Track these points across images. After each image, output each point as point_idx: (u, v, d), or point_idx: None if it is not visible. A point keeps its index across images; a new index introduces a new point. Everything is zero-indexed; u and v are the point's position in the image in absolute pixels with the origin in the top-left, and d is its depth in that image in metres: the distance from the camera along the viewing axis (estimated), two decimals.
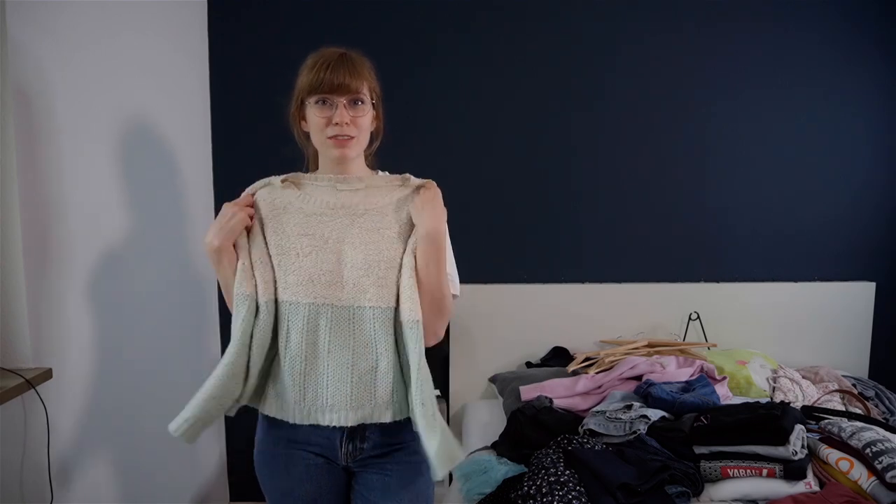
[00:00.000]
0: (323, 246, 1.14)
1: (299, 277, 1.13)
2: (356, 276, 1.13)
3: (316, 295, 1.12)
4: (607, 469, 1.52)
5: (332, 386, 1.13)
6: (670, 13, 2.42)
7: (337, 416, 1.14)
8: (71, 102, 1.47)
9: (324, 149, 1.20)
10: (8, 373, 1.29)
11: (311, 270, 1.13)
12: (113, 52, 1.64)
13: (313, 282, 1.13)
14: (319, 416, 1.15)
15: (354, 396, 1.13)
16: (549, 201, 2.47)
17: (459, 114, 2.42)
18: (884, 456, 1.50)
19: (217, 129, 2.35)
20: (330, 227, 1.15)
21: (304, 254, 1.14)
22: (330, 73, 1.14)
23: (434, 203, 1.15)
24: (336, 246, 1.14)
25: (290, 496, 1.23)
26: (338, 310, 1.13)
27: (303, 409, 1.15)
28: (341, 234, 1.14)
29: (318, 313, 1.13)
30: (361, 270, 1.13)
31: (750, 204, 2.53)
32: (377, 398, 1.14)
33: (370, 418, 1.15)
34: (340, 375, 1.13)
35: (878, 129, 2.53)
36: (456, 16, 2.38)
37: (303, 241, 1.14)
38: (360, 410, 1.14)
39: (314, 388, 1.14)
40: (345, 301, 1.13)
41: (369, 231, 1.15)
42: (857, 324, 2.56)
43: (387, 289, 1.14)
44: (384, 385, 1.14)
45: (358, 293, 1.13)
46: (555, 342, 2.49)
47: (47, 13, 1.38)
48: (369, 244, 1.14)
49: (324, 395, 1.13)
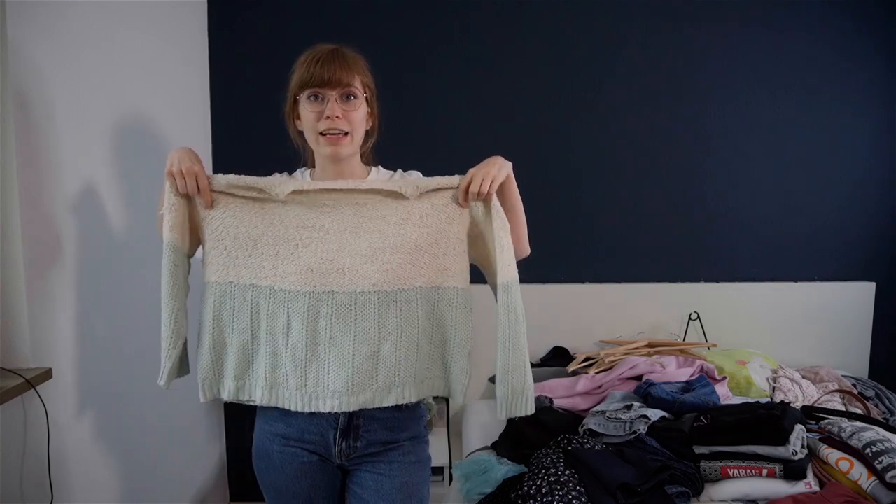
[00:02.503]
0: (324, 236, 1.14)
1: (298, 267, 1.13)
2: (359, 263, 1.13)
3: (316, 283, 1.13)
4: (607, 469, 1.52)
5: (333, 372, 1.13)
6: (670, 13, 2.42)
7: (338, 401, 1.13)
8: (71, 102, 1.47)
9: (317, 146, 1.19)
10: (8, 373, 1.28)
11: (311, 260, 1.13)
12: (113, 51, 1.64)
13: (312, 271, 1.13)
14: (321, 402, 1.14)
15: (356, 381, 1.13)
16: (549, 202, 2.47)
17: (459, 114, 2.42)
18: (884, 456, 1.50)
19: (217, 129, 2.36)
20: (331, 217, 1.15)
21: (304, 245, 1.14)
22: (320, 67, 1.14)
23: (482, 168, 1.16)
24: (337, 235, 1.14)
25: (285, 494, 1.24)
26: (339, 296, 1.13)
27: (304, 395, 1.14)
28: (342, 224, 1.14)
29: (318, 301, 1.13)
30: (365, 257, 1.13)
31: (750, 204, 2.53)
32: (378, 382, 1.15)
33: (371, 403, 1.15)
34: (342, 361, 1.13)
35: (877, 129, 2.53)
36: (457, 15, 2.38)
37: (302, 233, 1.14)
38: (362, 395, 1.14)
39: (315, 374, 1.14)
40: (346, 287, 1.13)
41: (372, 219, 1.15)
42: (857, 324, 2.56)
43: (392, 273, 1.14)
44: (386, 369, 1.15)
45: (361, 279, 1.13)
46: (555, 342, 2.49)
47: (47, 13, 1.38)
48: (373, 232, 1.14)
49: (325, 380, 1.13)
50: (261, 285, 1.15)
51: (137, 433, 1.76)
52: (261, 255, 1.15)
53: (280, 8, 2.33)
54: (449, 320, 1.19)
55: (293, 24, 2.34)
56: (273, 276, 1.14)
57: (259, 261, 1.15)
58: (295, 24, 2.34)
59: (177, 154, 1.15)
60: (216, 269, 1.16)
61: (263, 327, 1.15)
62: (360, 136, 1.21)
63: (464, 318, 1.19)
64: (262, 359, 1.16)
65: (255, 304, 1.15)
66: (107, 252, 1.62)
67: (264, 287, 1.15)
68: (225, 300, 1.16)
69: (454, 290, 1.19)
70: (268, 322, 1.15)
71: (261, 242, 1.15)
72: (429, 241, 1.17)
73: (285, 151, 1.33)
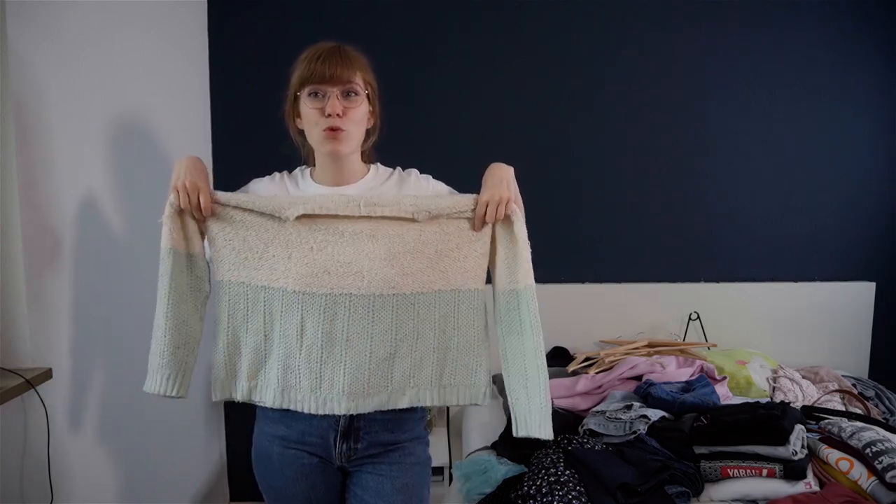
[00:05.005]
0: (339, 239, 1.13)
1: (314, 269, 1.12)
2: (377, 267, 1.13)
3: (333, 286, 1.12)
4: (607, 469, 1.52)
5: (349, 374, 1.13)
6: (670, 13, 2.42)
7: (354, 403, 1.13)
8: (71, 102, 1.46)
9: (317, 145, 1.18)
10: (8, 373, 1.28)
11: (327, 263, 1.12)
12: (113, 51, 1.64)
13: (329, 273, 1.12)
14: (335, 404, 1.13)
15: (372, 383, 1.14)
16: (549, 202, 2.47)
17: (459, 114, 2.42)
18: (884, 456, 1.50)
19: (217, 129, 2.35)
20: (345, 222, 1.14)
21: (319, 248, 1.13)
22: (322, 63, 1.13)
23: (492, 192, 1.16)
24: (353, 238, 1.13)
25: (285, 495, 1.24)
26: (357, 298, 1.12)
27: (318, 397, 1.14)
28: (357, 227, 1.14)
29: (336, 303, 1.12)
30: (384, 261, 1.13)
31: (750, 204, 2.53)
32: (394, 384, 1.15)
33: (386, 404, 1.16)
34: (358, 363, 1.13)
35: (878, 129, 2.53)
36: (457, 15, 2.38)
37: (316, 236, 1.13)
38: (377, 397, 1.15)
39: (330, 376, 1.13)
40: (364, 290, 1.12)
41: (389, 223, 1.14)
42: (857, 324, 2.56)
43: (412, 277, 1.14)
44: (401, 371, 1.15)
45: (380, 282, 1.13)
46: (555, 342, 2.49)
47: (46, 14, 1.38)
48: (392, 236, 1.14)
49: (340, 382, 1.13)
50: (274, 287, 1.14)
51: (137, 433, 1.76)
52: (272, 257, 1.14)
53: (280, 8, 2.33)
54: (471, 322, 1.19)
55: (293, 24, 2.33)
56: (286, 278, 1.13)
57: (271, 263, 1.14)
58: (295, 24, 2.34)
59: (183, 166, 1.14)
60: (228, 269, 1.16)
61: (276, 329, 1.15)
62: (361, 135, 1.21)
63: (483, 318, 1.20)
64: (275, 361, 1.16)
65: (268, 305, 1.15)
66: (107, 252, 1.62)
67: (277, 289, 1.14)
68: (239, 301, 1.16)
69: (475, 291, 1.19)
70: (281, 324, 1.14)
71: (272, 245, 1.14)
72: (450, 247, 1.17)
73: (285, 151, 1.33)
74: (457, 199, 1.17)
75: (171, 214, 1.13)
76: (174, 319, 1.14)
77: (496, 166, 1.21)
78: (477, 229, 1.17)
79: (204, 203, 1.12)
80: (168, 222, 1.13)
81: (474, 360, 1.20)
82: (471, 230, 1.18)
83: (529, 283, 1.16)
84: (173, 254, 1.13)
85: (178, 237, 1.14)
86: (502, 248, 1.19)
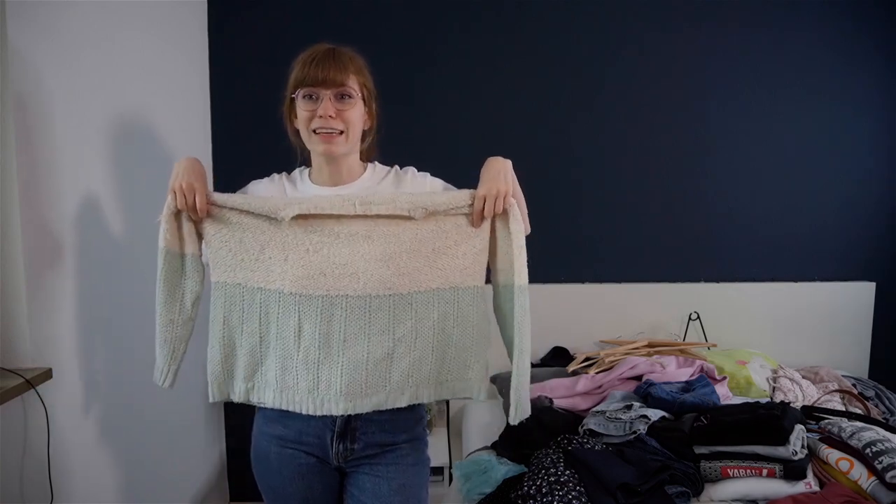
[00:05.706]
0: (334, 241, 1.13)
1: (310, 271, 1.12)
2: (373, 268, 1.13)
3: (329, 287, 1.12)
4: (607, 469, 1.52)
5: (346, 375, 1.13)
6: (670, 13, 2.42)
7: (351, 404, 1.13)
8: (71, 102, 1.46)
9: (311, 145, 1.19)
10: (8, 373, 1.28)
11: (323, 264, 1.12)
12: (113, 52, 1.64)
13: (325, 275, 1.12)
14: (333, 405, 1.13)
15: (369, 383, 1.13)
16: (549, 202, 2.47)
17: (459, 113, 2.42)
18: (884, 456, 1.50)
19: (217, 129, 2.36)
20: (340, 223, 1.14)
21: (315, 250, 1.13)
22: (315, 66, 1.14)
23: (489, 186, 1.15)
24: (348, 239, 1.13)
25: (283, 495, 1.24)
26: (353, 300, 1.12)
27: (315, 398, 1.14)
28: (353, 228, 1.13)
29: (332, 304, 1.12)
30: (380, 262, 1.13)
31: (750, 204, 2.53)
32: (392, 384, 1.15)
33: (385, 404, 1.15)
34: (356, 363, 1.13)
35: (878, 129, 2.53)
36: (457, 15, 2.38)
37: (312, 237, 1.13)
38: (375, 397, 1.15)
39: (327, 377, 1.13)
40: (360, 291, 1.12)
41: (386, 224, 1.14)
42: (857, 324, 2.56)
43: (408, 276, 1.14)
44: (400, 370, 1.15)
45: (376, 283, 1.13)
46: (555, 342, 2.49)
47: (47, 14, 1.38)
48: (388, 236, 1.14)
49: (337, 383, 1.13)
50: (270, 289, 1.14)
51: (138, 433, 1.76)
52: (269, 259, 1.14)
53: (280, 8, 2.33)
54: (470, 319, 1.19)
55: (293, 24, 2.33)
56: (282, 280, 1.13)
57: (267, 265, 1.14)
58: (295, 24, 2.34)
59: (181, 168, 1.14)
60: (224, 270, 1.16)
61: (273, 331, 1.15)
62: (357, 135, 1.21)
63: (483, 315, 1.20)
64: (273, 362, 1.16)
65: (264, 307, 1.15)
66: (107, 252, 1.62)
67: (273, 291, 1.14)
68: (234, 302, 1.16)
69: (474, 288, 1.19)
70: (278, 325, 1.14)
71: (268, 247, 1.14)
72: (447, 244, 1.16)
73: (285, 151, 1.33)
74: (454, 194, 1.17)
75: (168, 215, 1.14)
76: (164, 317, 1.17)
77: (493, 160, 1.20)
78: (475, 225, 1.17)
79: (200, 204, 1.12)
80: (164, 223, 1.14)
81: (473, 357, 1.20)
82: (469, 226, 1.17)
83: (523, 283, 1.15)
84: (167, 254, 1.14)
85: (173, 238, 1.15)
86: (502, 243, 1.18)
